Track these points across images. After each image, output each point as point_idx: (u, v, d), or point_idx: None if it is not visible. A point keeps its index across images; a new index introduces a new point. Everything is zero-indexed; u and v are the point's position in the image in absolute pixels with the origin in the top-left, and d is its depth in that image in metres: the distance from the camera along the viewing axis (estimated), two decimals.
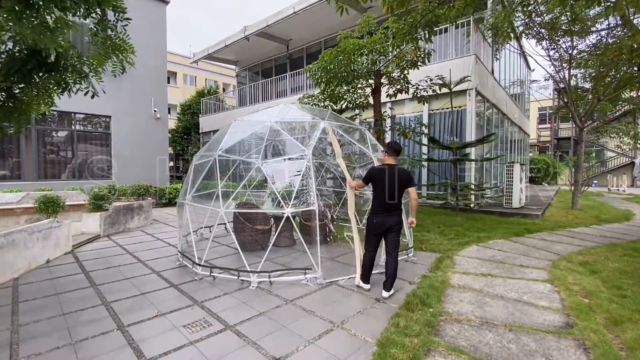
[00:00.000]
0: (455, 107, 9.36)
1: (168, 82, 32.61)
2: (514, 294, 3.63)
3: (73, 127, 11.07)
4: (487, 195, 9.66)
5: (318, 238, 3.96)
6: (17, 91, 4.42)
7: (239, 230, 5.62)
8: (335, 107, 8.53)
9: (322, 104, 8.09)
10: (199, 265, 4.34)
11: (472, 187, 8.77)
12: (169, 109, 31.66)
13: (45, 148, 10.66)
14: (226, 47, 16.89)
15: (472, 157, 9.18)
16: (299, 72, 14.86)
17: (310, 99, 8.18)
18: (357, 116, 8.36)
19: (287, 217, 5.97)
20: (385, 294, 3.55)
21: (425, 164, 9.66)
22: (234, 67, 21.26)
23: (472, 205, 8.71)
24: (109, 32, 4.68)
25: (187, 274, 4.44)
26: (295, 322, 3.03)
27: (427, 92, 7.59)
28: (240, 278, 4.06)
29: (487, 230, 6.75)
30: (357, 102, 7.90)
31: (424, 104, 7.98)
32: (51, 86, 4.80)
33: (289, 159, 4.29)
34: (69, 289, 3.95)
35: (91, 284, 4.13)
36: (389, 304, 3.39)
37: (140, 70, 12.07)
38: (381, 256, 3.99)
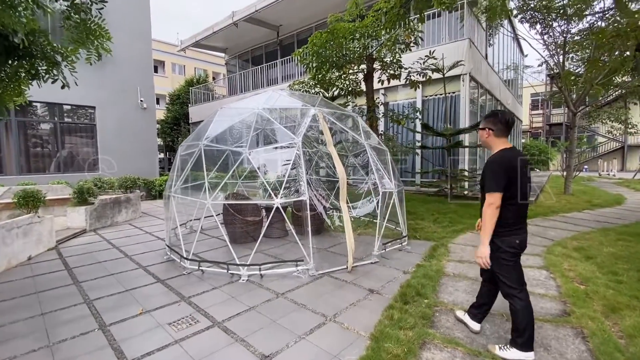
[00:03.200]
0: (449, 93, 9.21)
1: (156, 72, 31.85)
2: None
3: (56, 118, 10.67)
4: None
5: (309, 229, 3.83)
6: None
7: (229, 222, 5.48)
8: (327, 95, 8.32)
9: (312, 91, 7.86)
10: (187, 259, 4.19)
11: (466, 173, 8.70)
12: (157, 100, 31.01)
13: (27, 141, 10.27)
14: (214, 33, 16.38)
15: (466, 143, 9.09)
16: (289, 59, 14.49)
17: (300, 85, 7.93)
18: (349, 103, 8.15)
19: (279, 208, 5.86)
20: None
21: (418, 151, 9.54)
22: (223, 55, 20.72)
23: (465, 192, 8.66)
24: (83, 15, 4.39)
25: (175, 268, 4.29)
26: (286, 317, 2.92)
27: (420, 76, 7.40)
28: (229, 272, 3.93)
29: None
30: (349, 88, 7.69)
31: (416, 90, 7.79)
32: (22, 75, 4.52)
33: (278, 147, 4.12)
34: (50, 287, 3.78)
35: (74, 281, 3.96)
36: (383, 295, 3.29)
37: (123, 57, 11.65)
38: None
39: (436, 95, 9.65)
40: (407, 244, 4.97)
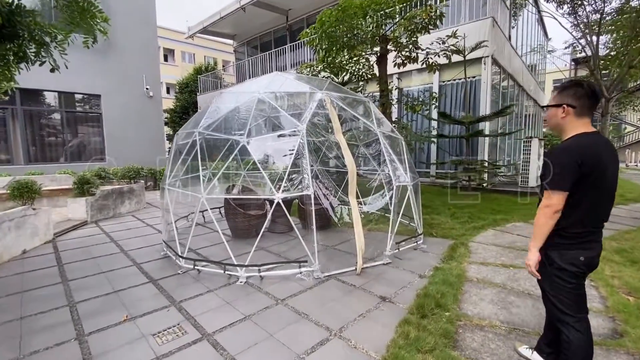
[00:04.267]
0: (469, 78, 8.55)
1: (166, 60, 31.68)
2: None
3: (62, 107, 10.51)
4: (501, 173, 9.00)
5: (314, 226, 3.43)
6: None
7: (231, 215, 5.14)
8: (337, 80, 7.81)
9: (321, 75, 7.37)
10: (182, 257, 3.87)
11: (486, 164, 8.11)
12: (167, 88, 30.96)
13: (34, 130, 10.17)
14: (221, 19, 15.89)
15: (486, 132, 8.47)
16: (299, 44, 13.90)
17: (309, 69, 7.44)
18: (361, 90, 7.63)
19: (287, 202, 5.48)
20: None
21: (434, 140, 8.97)
22: (231, 42, 20.23)
23: (485, 185, 8.09)
24: None
25: (171, 266, 3.99)
26: (285, 329, 2.55)
27: (439, 57, 6.78)
28: (226, 272, 3.59)
29: (503, 211, 6.17)
30: (361, 72, 7.16)
31: (434, 73, 7.17)
32: (10, 58, 4.20)
33: (280, 135, 3.71)
34: (37, 286, 3.52)
35: (62, 279, 3.70)
36: (396, 305, 2.89)
37: (129, 44, 11.35)
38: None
39: (454, 80, 8.99)
40: (422, 243, 4.53)
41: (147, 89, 11.79)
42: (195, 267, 3.75)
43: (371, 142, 5.60)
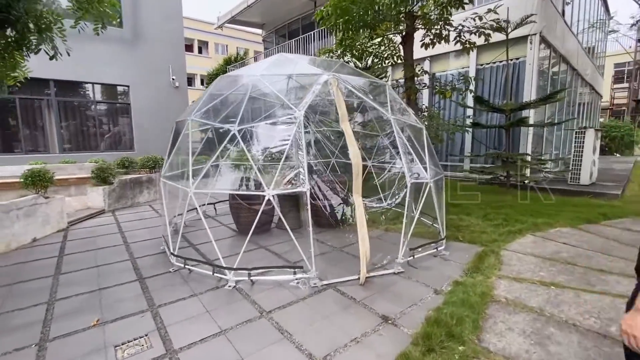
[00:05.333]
0: (511, 60, 7.53)
1: (200, 52, 32.34)
2: (595, 320, 2.42)
3: (93, 97, 10.87)
4: (546, 169, 7.93)
5: (310, 228, 2.98)
6: None
7: (234, 209, 4.85)
8: (360, 64, 7.19)
9: (343, 60, 6.79)
10: (174, 255, 3.61)
11: (528, 158, 7.13)
12: (202, 80, 31.60)
13: (68, 120, 10.60)
14: (249, 7, 15.64)
15: (531, 121, 7.44)
16: (329, 30, 13.27)
17: (329, 54, 6.89)
18: (385, 75, 6.96)
19: (294, 197, 5.07)
20: None
21: (468, 130, 8.07)
22: (260, 31, 20.01)
23: (527, 182, 7.13)
24: None
25: (165, 263, 3.75)
26: (260, 352, 2.16)
27: (475, 35, 5.93)
28: (215, 274, 3.27)
29: (547, 214, 5.31)
30: (385, 55, 6.49)
31: (469, 53, 6.31)
32: (12, 46, 4.12)
33: (274, 123, 3.28)
34: (29, 278, 3.43)
35: (56, 272, 3.59)
36: (399, 329, 2.38)
37: (155, 35, 11.44)
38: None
39: (494, 62, 7.98)
40: (445, 248, 3.92)
41: (173, 79, 11.87)
42: (186, 266, 3.47)
43: (388, 134, 5.00)
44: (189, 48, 30.93)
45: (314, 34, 14.34)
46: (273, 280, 3.17)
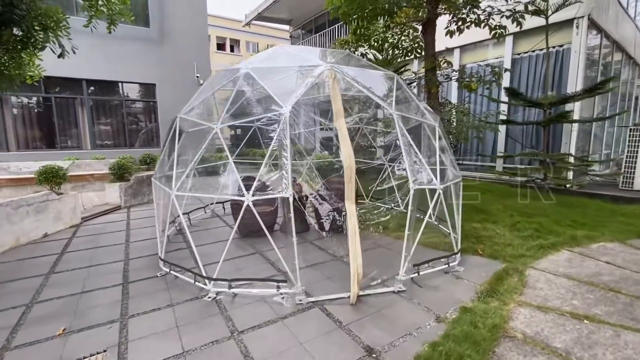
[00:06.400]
0: (553, 47, 6.66)
1: (232, 51, 32.96)
2: None
3: (122, 96, 11.26)
4: (593, 172, 6.97)
5: (294, 239, 2.65)
6: None
7: (233, 210, 4.66)
8: (380, 56, 6.71)
9: (359, 52, 6.35)
10: (161, 259, 3.46)
11: (571, 159, 6.27)
12: None
13: (99, 118, 11.08)
14: (275, 2, 15.49)
15: (576, 116, 6.55)
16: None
17: (345, 45, 6.48)
18: (402, 68, 6.42)
19: (299, 198, 4.76)
20: None
21: (501, 127, 7.29)
22: (288, 27, 19.88)
23: (568, 186, 6.28)
24: None
25: (156, 266, 3.61)
26: None
27: (507, 19, 5.23)
28: (196, 283, 3.05)
29: (589, 224, 4.57)
30: (406, 44, 5.97)
31: (499, 39, 5.55)
32: (19, 44, 4.17)
33: (257, 121, 2.98)
34: (22, 276, 3.44)
35: (49, 271, 3.58)
36: None
37: (180, 33, 11.63)
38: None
39: (533, 51, 7.12)
40: (458, 263, 3.42)
41: (197, 77, 12.01)
42: (171, 272, 3.30)
43: (412, 129, 4.53)
44: (221, 47, 31.70)
45: (339, 27, 13.90)
46: (256, 293, 2.89)
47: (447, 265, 3.30)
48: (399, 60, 6.73)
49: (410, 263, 3.00)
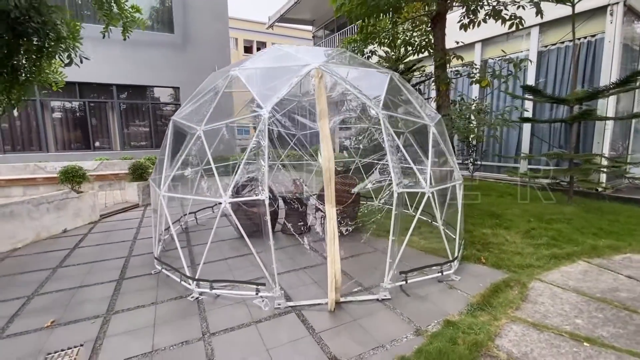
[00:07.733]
0: (583, 37, 6.10)
1: None
2: None
3: (148, 99, 11.83)
4: (630, 175, 6.30)
5: (272, 242, 2.61)
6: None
7: (235, 211, 4.68)
8: (392, 54, 6.51)
9: (367, 50, 6.19)
10: (156, 258, 3.56)
11: (604, 161, 5.70)
12: None
13: (128, 120, 11.72)
14: (297, 3, 15.57)
15: (610, 113, 5.96)
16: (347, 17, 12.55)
17: (353, 44, 6.34)
18: (413, 67, 6.15)
19: (299, 199, 4.73)
20: None
21: (524, 126, 6.79)
22: (311, 27, 19.92)
23: (598, 189, 5.72)
24: None
25: (153, 264, 3.73)
26: None
27: (524, 9, 4.85)
28: (182, 282, 3.10)
29: (616, 232, 4.13)
30: (417, 40, 5.74)
31: (517, 28, 5.10)
32: (33, 54, 4.46)
33: (237, 122, 2.96)
34: (32, 269, 3.68)
35: (58, 264, 3.80)
36: None
37: (202, 37, 12.02)
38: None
39: (562, 42, 6.57)
40: (455, 272, 3.20)
41: None
42: (163, 270, 3.39)
43: (418, 130, 4.33)
44: (248, 49, 32.48)
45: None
46: (238, 295, 2.88)
47: (441, 274, 3.10)
48: (411, 57, 6.48)
49: (397, 270, 2.85)
